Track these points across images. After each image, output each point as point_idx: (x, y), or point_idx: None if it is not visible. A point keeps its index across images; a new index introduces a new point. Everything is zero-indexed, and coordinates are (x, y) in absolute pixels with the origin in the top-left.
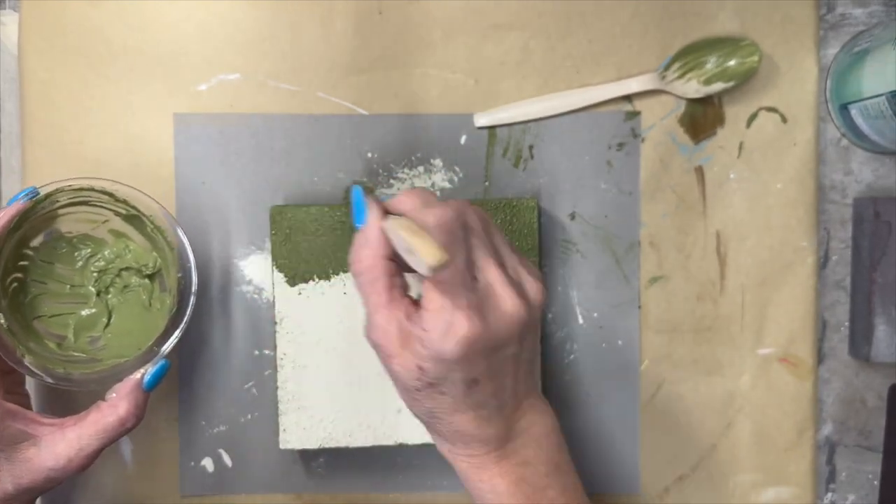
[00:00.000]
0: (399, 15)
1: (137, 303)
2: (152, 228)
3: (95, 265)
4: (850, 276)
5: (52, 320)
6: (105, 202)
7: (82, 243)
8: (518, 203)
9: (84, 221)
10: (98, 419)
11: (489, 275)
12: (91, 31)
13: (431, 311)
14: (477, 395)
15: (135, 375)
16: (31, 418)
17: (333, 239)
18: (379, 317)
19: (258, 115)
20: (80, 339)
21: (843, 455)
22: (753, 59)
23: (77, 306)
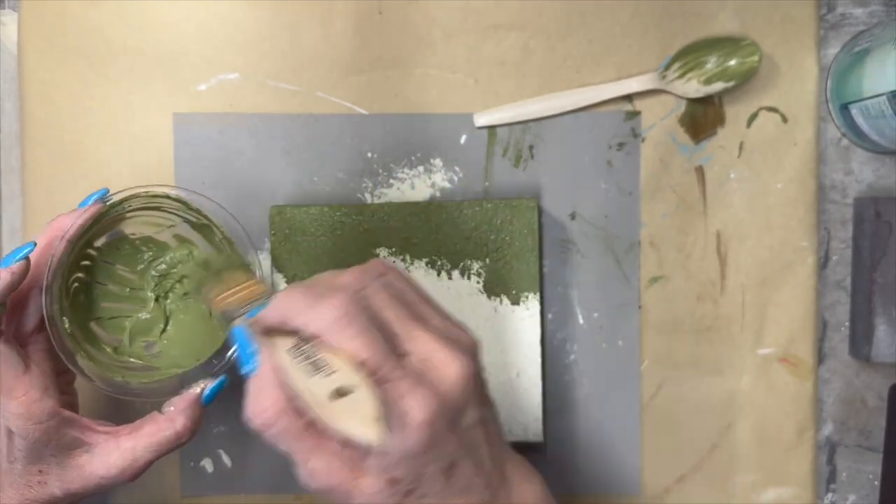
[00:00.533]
0: (399, 15)
1: (197, 312)
2: (221, 239)
3: (157, 269)
4: (851, 276)
5: (108, 322)
6: (177, 209)
7: (145, 245)
8: (518, 203)
9: (150, 224)
10: (154, 432)
11: (418, 343)
12: (91, 31)
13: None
14: (459, 480)
15: (194, 389)
16: (87, 426)
17: (333, 239)
18: (315, 462)
19: (258, 114)
20: (136, 344)
21: (844, 455)
22: (754, 58)
23: (135, 310)
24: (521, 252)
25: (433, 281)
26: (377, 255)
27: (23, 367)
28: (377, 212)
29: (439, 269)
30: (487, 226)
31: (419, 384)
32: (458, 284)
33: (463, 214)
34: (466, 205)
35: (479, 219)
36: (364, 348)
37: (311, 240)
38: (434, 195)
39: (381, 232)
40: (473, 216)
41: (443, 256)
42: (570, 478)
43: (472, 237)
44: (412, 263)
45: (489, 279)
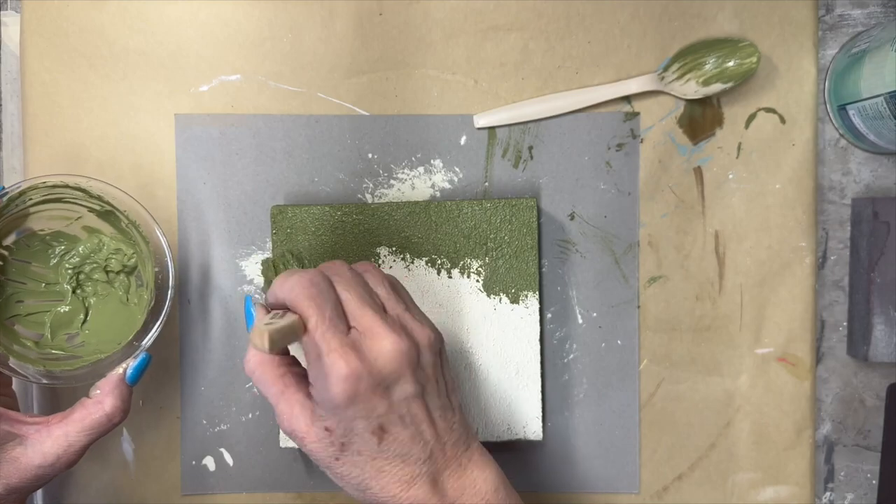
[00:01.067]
0: (399, 16)
1: (114, 299)
2: (127, 224)
3: (70, 262)
4: (849, 276)
5: (28, 318)
6: (79, 198)
7: (56, 240)
8: (517, 202)
9: (57, 219)
10: (84, 416)
11: (364, 320)
12: (93, 33)
13: (314, 378)
14: (393, 445)
15: (117, 370)
16: (16, 418)
17: (334, 238)
18: (280, 405)
19: (259, 115)
20: (58, 337)
21: (842, 454)
22: (752, 60)
23: (53, 304)
24: (520, 251)
25: (433, 279)
26: (378, 255)
27: None
28: (378, 211)
29: (439, 268)
30: (487, 225)
31: (350, 348)
32: (458, 283)
33: (462, 214)
34: (466, 204)
35: (478, 218)
36: (311, 311)
37: (312, 239)
38: (434, 195)
39: (381, 231)
40: (473, 215)
41: (442, 255)
42: (568, 476)
43: (471, 236)
44: (412, 262)
45: (488, 278)
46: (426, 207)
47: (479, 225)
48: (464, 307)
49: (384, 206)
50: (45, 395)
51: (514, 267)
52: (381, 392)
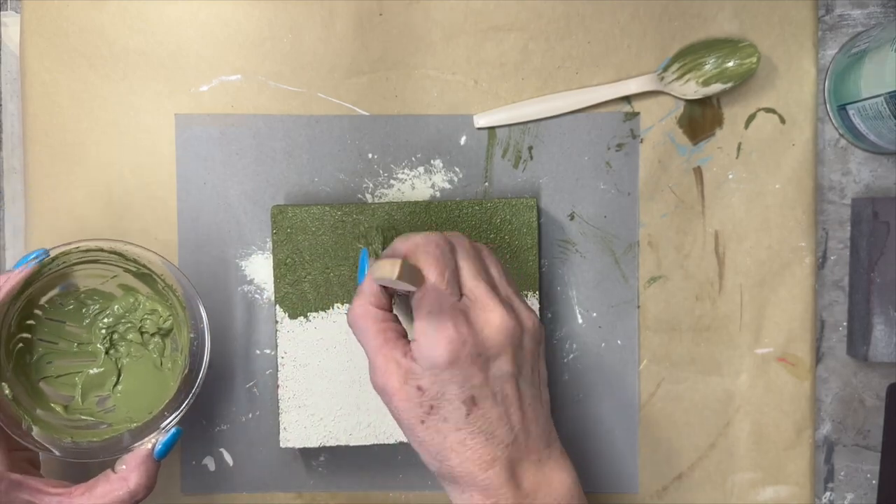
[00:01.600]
0: (399, 16)
1: (148, 362)
2: (163, 286)
3: (104, 321)
4: (849, 276)
5: (58, 380)
6: (114, 261)
7: (90, 298)
8: (518, 203)
9: (93, 276)
10: (108, 492)
11: (477, 290)
12: (93, 33)
13: (420, 333)
14: (480, 421)
15: (146, 445)
16: (38, 488)
17: (335, 238)
18: (377, 358)
19: (259, 115)
20: (88, 400)
21: (842, 454)
22: (752, 60)
23: (85, 365)
24: (520, 251)
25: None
26: (379, 255)
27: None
28: (378, 211)
29: None
30: (487, 225)
31: (460, 312)
32: None
33: (463, 214)
34: (466, 204)
35: (478, 218)
36: (432, 268)
37: (312, 239)
38: (434, 196)
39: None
40: (473, 215)
41: None
42: None
43: (471, 236)
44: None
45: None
46: (426, 207)
47: (480, 225)
48: None
49: (384, 206)
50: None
51: (514, 267)
52: (480, 363)
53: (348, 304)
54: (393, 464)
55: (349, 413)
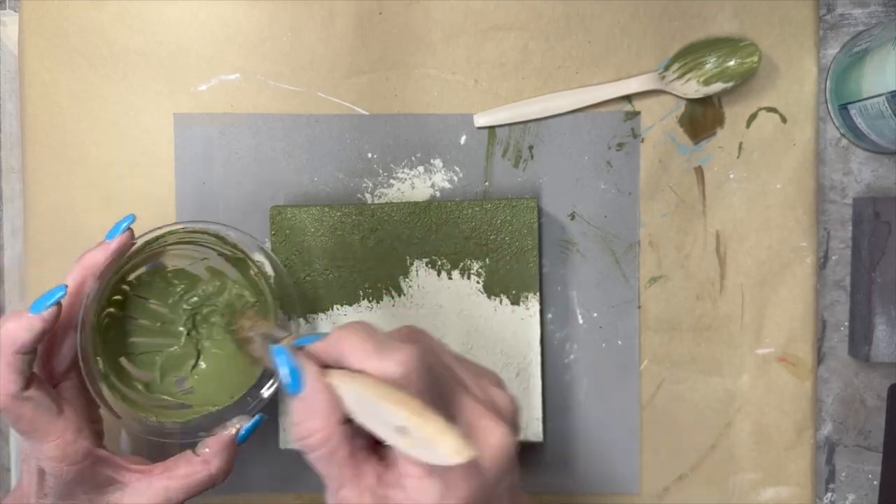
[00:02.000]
0: (399, 16)
1: (230, 347)
2: (256, 273)
3: (189, 302)
4: (850, 276)
5: (139, 358)
6: (212, 243)
7: (177, 278)
8: (518, 203)
9: (183, 257)
10: (189, 473)
11: (465, 410)
12: (92, 32)
13: (416, 479)
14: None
15: (230, 430)
16: (120, 465)
17: (334, 239)
18: (347, 492)
19: (258, 115)
20: (167, 380)
21: (843, 455)
22: (753, 59)
23: (166, 344)
24: (520, 252)
25: (433, 281)
26: (378, 255)
27: (56, 410)
28: (377, 212)
29: (439, 269)
30: (487, 226)
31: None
32: (458, 284)
33: (463, 214)
34: (466, 205)
35: (479, 219)
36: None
37: (311, 240)
38: (434, 195)
39: (381, 232)
40: (473, 216)
41: (443, 256)
42: (569, 477)
43: (471, 237)
44: (412, 264)
45: (489, 279)
46: (426, 208)
47: (480, 226)
48: (464, 309)
49: (384, 207)
50: None
51: (515, 268)
52: (488, 496)
53: (347, 305)
54: None
55: None
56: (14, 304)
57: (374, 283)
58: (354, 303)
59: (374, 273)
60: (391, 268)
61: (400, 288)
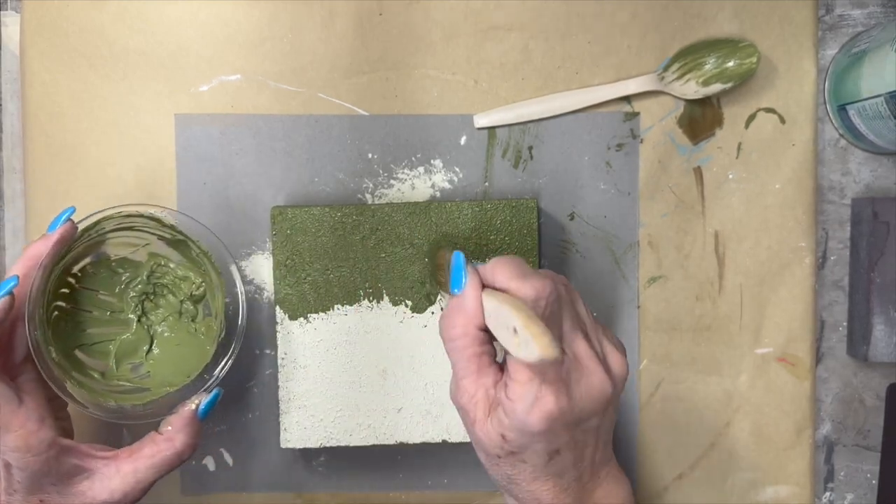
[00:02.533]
0: (399, 16)
1: (181, 329)
2: (198, 253)
3: (135, 289)
4: (849, 276)
5: (92, 348)
6: (150, 227)
7: (121, 267)
8: (518, 203)
9: (124, 245)
10: (155, 452)
11: (578, 348)
12: (93, 33)
13: (519, 383)
14: (557, 465)
15: (189, 406)
16: (86, 452)
17: (334, 239)
18: (467, 382)
19: (259, 115)
20: (122, 367)
21: (842, 454)
22: (752, 60)
23: (118, 333)
24: (520, 252)
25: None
26: (380, 256)
27: (16, 400)
28: (378, 212)
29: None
30: (487, 226)
31: (563, 383)
32: None
33: (463, 215)
34: (466, 205)
35: (478, 219)
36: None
37: (312, 240)
38: (434, 196)
39: (381, 232)
40: (473, 216)
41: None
42: None
43: (471, 237)
44: (413, 263)
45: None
46: (426, 208)
47: (480, 226)
48: None
49: (384, 207)
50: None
51: None
52: (572, 427)
53: (348, 306)
54: (393, 464)
55: (349, 414)
56: None
57: (374, 283)
58: (355, 303)
59: (374, 273)
60: (391, 268)
61: (400, 288)
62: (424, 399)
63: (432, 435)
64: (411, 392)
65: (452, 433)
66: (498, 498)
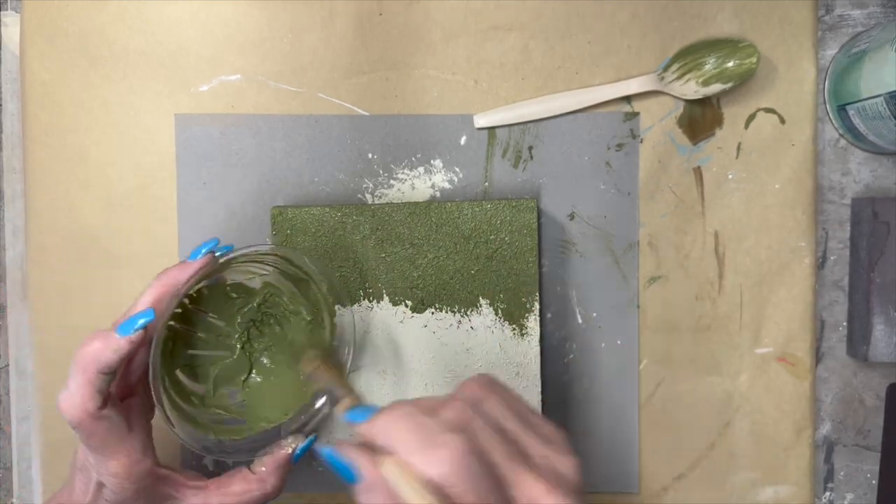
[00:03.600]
0: (399, 16)
1: (283, 361)
2: (317, 292)
3: (244, 315)
4: (849, 276)
5: (195, 370)
6: (279, 264)
7: (235, 292)
8: (517, 203)
9: (243, 272)
10: (244, 490)
11: (527, 488)
12: (93, 33)
13: None
14: None
15: (286, 450)
16: (179, 482)
17: (334, 239)
18: None
19: (259, 115)
20: (219, 392)
21: (842, 454)
22: (752, 60)
23: (221, 357)
24: (520, 252)
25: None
26: (380, 256)
27: (126, 428)
28: (378, 212)
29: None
30: (487, 226)
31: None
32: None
33: (463, 215)
34: (466, 205)
35: (478, 219)
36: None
37: (311, 240)
38: (434, 195)
39: (381, 232)
40: (473, 216)
41: (442, 256)
42: None
43: (471, 237)
44: (413, 264)
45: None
46: (426, 208)
47: (480, 226)
48: None
49: (384, 207)
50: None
51: (515, 268)
52: None
53: (349, 305)
54: None
55: None
56: (15, 303)
57: (374, 283)
58: (355, 303)
59: (374, 273)
60: (391, 268)
61: (400, 288)
62: None
63: None
64: (411, 392)
65: None
66: None
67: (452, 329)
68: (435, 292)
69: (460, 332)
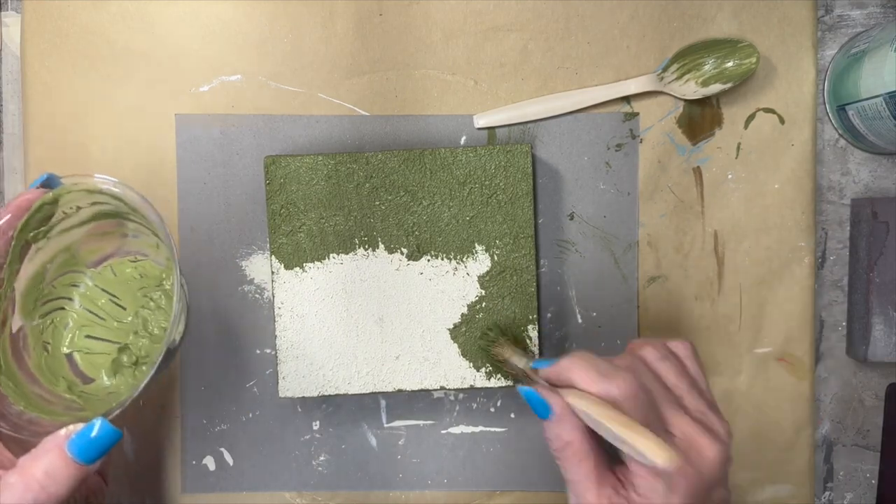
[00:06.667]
0: (399, 17)
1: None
2: (138, 225)
3: (144, 296)
4: (848, 276)
5: (88, 357)
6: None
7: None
8: (513, 149)
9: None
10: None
11: (682, 427)
12: (93, 33)
13: (645, 478)
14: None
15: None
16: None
17: (329, 188)
18: (590, 496)
19: (259, 116)
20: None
21: (841, 454)
22: (751, 60)
23: (116, 344)
24: (515, 197)
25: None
26: (375, 204)
27: None
28: (372, 159)
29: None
30: (482, 171)
31: (685, 462)
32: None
33: (457, 160)
34: (461, 151)
35: (473, 164)
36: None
37: (305, 188)
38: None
39: (376, 180)
40: (468, 162)
41: (437, 202)
42: None
43: (466, 182)
44: (408, 211)
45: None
46: (420, 155)
47: (475, 172)
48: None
49: (378, 155)
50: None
51: (510, 214)
52: (702, 500)
53: (343, 254)
54: (393, 464)
55: (347, 362)
56: None
57: (369, 231)
58: (350, 251)
59: (369, 221)
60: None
61: (395, 236)
62: (422, 346)
63: (430, 382)
64: (408, 339)
65: (450, 379)
66: (497, 498)
67: (448, 276)
68: (430, 239)
69: (456, 278)
